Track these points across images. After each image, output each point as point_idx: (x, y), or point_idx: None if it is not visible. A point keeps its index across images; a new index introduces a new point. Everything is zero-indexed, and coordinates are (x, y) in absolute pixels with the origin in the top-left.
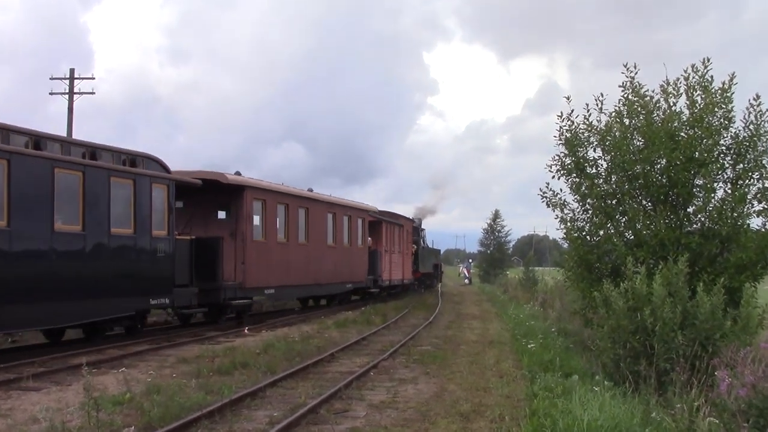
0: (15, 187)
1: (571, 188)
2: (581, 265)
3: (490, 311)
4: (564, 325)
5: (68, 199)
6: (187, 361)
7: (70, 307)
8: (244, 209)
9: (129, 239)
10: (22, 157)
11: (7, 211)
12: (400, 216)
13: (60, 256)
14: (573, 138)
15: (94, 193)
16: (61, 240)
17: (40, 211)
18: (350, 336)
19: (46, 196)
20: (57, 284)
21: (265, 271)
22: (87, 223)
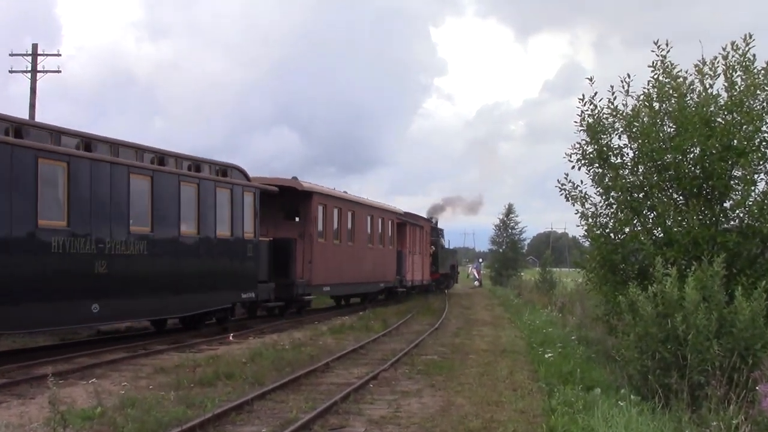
0: (156, 199)
1: (593, 180)
2: (604, 266)
3: (503, 317)
4: (585, 333)
5: (188, 208)
6: (165, 371)
7: (189, 300)
8: (312, 213)
9: (228, 241)
10: (161, 174)
11: (151, 219)
12: (420, 217)
13: (184, 256)
14: (596, 124)
15: (205, 201)
16: (185, 243)
17: (172, 218)
18: (347, 344)
19: (175, 206)
20: (183, 280)
21: (325, 269)
22: (201, 228)
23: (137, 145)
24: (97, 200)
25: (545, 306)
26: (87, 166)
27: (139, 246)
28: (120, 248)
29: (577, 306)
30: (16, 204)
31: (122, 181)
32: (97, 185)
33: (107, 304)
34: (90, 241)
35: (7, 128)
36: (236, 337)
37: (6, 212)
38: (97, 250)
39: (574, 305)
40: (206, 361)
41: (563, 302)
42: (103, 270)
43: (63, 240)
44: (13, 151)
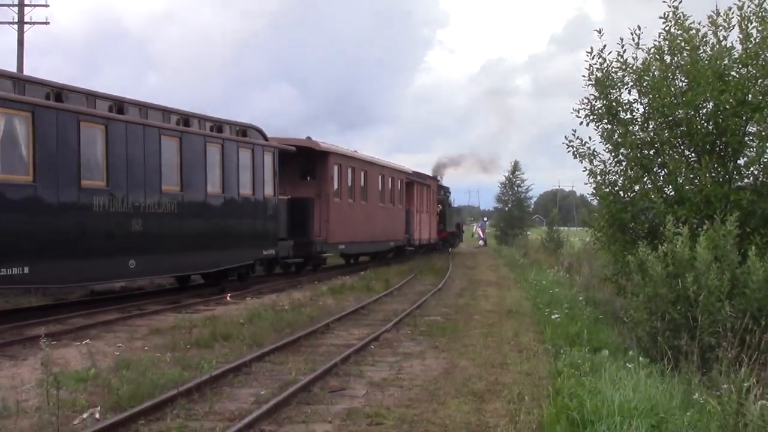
0: (184, 159)
1: (601, 136)
2: (613, 224)
3: (508, 277)
4: (593, 294)
5: (213, 168)
6: (160, 332)
7: (214, 256)
8: (328, 173)
9: (250, 200)
10: (188, 135)
11: (180, 179)
12: (427, 176)
13: (210, 215)
14: (605, 78)
15: (228, 161)
16: (211, 202)
17: (199, 178)
18: (347, 304)
19: (202, 166)
20: (209, 237)
21: (340, 228)
22: (225, 187)
23: (164, 107)
24: (132, 161)
25: (552, 266)
26: (122, 129)
27: (170, 205)
28: (153, 207)
29: (585, 266)
30: (62, 166)
31: (154, 142)
32: (132, 147)
33: (142, 261)
34: (127, 201)
35: (48, 93)
36: (234, 297)
37: (53, 174)
38: (133, 209)
39: (581, 265)
40: (203, 322)
41: (570, 262)
42: (138, 228)
43: (103, 200)
44: (58, 115)
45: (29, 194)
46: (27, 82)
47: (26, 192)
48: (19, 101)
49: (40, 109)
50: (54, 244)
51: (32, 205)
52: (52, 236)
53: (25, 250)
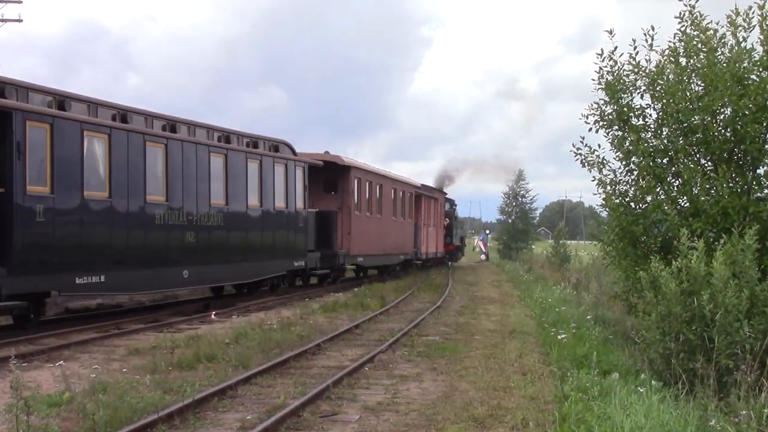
0: (229, 175)
1: (612, 144)
2: (624, 238)
3: (512, 294)
4: (602, 312)
5: (253, 182)
6: (140, 352)
7: (254, 267)
8: (350, 187)
9: (284, 213)
10: (233, 152)
11: (225, 193)
12: (435, 189)
13: (251, 227)
14: (616, 82)
15: (266, 176)
16: (251, 215)
17: (241, 192)
18: (340, 323)
19: (243, 181)
20: (250, 248)
21: (360, 241)
22: (263, 201)
23: (208, 125)
24: (186, 177)
25: (558, 282)
26: (179, 147)
27: (218, 218)
28: (204, 220)
29: (594, 282)
30: (132, 183)
31: (204, 159)
32: (186, 164)
33: (194, 271)
34: (182, 214)
35: (115, 114)
36: (218, 315)
37: (124, 190)
38: (187, 222)
39: (589, 282)
40: (185, 341)
41: (578, 278)
42: (191, 240)
43: (163, 213)
44: (128, 136)
45: (107, 209)
46: (99, 105)
47: (104, 207)
48: (99, 124)
49: (115, 131)
50: (125, 255)
51: (109, 220)
52: (123, 248)
53: (102, 261)
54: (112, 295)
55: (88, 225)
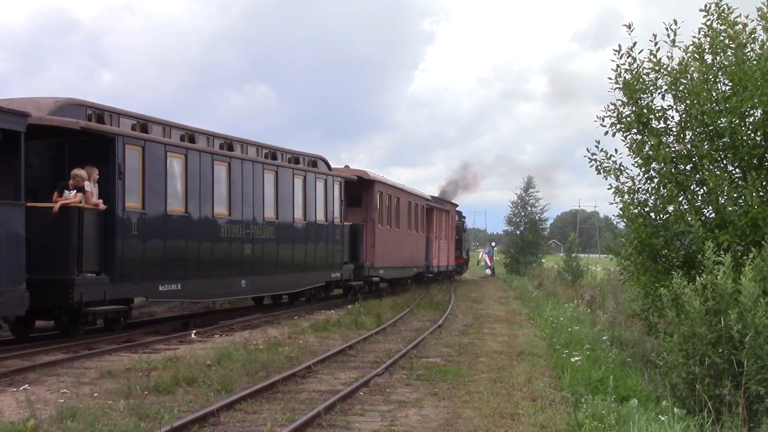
0: (279, 190)
1: (630, 149)
2: (643, 251)
3: (520, 312)
4: (619, 332)
5: (298, 197)
6: (113, 375)
7: (298, 278)
8: (374, 200)
9: (324, 226)
10: (283, 168)
11: (275, 208)
12: (446, 201)
13: (297, 239)
14: (634, 80)
15: (309, 191)
16: (297, 228)
17: (288, 206)
18: (333, 343)
19: (290, 195)
20: (295, 260)
21: (382, 254)
22: (306, 214)
23: (257, 143)
24: (245, 193)
25: (571, 299)
26: (239, 165)
27: (269, 231)
28: (258, 233)
29: (610, 300)
30: (202, 198)
31: (259, 176)
32: (245, 180)
33: (250, 281)
34: (242, 228)
35: (183, 135)
36: (199, 334)
37: (197, 206)
38: (245, 234)
39: (605, 299)
40: (163, 363)
41: (592, 295)
42: (248, 252)
43: (227, 227)
44: (200, 156)
45: (183, 223)
46: (172, 127)
47: (181, 221)
48: (178, 145)
49: (191, 151)
50: (196, 265)
51: (185, 232)
52: (195, 258)
53: (179, 270)
54: (188, 300)
55: (170, 237)
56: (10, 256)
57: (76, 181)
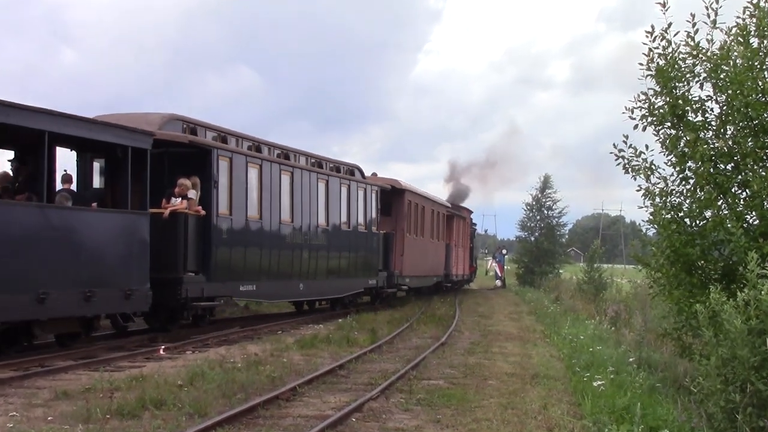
0: (330, 198)
1: (663, 145)
2: (676, 262)
3: (534, 329)
4: (647, 354)
5: (344, 205)
6: (69, 396)
7: (342, 283)
8: (404, 209)
9: (364, 233)
10: (333, 178)
11: (326, 215)
12: (463, 208)
13: (343, 245)
14: (669, 67)
15: (353, 199)
16: (343, 235)
17: (336, 214)
18: (321, 361)
19: (337, 204)
20: (341, 265)
21: (410, 262)
22: (350, 222)
23: (306, 152)
24: (303, 201)
25: (592, 316)
26: (299, 175)
27: (322, 237)
28: (313, 239)
29: (637, 316)
30: (272, 206)
31: (314, 184)
32: (303, 189)
33: (307, 284)
34: (301, 234)
35: (250, 146)
36: (169, 350)
37: (268, 213)
38: (303, 241)
39: (632, 315)
40: (127, 383)
41: (617, 311)
42: (306, 257)
43: (290, 233)
44: (271, 166)
45: (258, 229)
46: (243, 138)
47: (257, 227)
48: (256, 156)
49: (264, 162)
50: (267, 268)
51: (259, 237)
52: (267, 261)
53: (254, 272)
54: (261, 300)
55: (249, 242)
56: (140, 259)
57: (182, 189)
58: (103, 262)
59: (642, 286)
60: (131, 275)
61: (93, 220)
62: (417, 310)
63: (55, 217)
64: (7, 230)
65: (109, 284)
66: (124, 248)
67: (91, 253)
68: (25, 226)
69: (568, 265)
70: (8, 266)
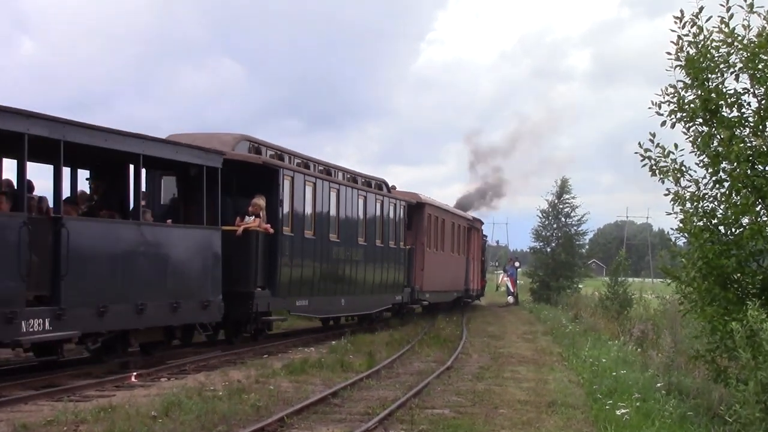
0: (367, 214)
1: (694, 144)
2: (710, 275)
3: (550, 351)
4: (678, 378)
5: (378, 222)
6: (29, 429)
7: (375, 299)
8: (424, 224)
9: (393, 249)
10: (370, 194)
11: (364, 232)
12: (477, 219)
13: (377, 262)
14: (701, 56)
15: (386, 216)
16: (377, 251)
17: (371, 231)
18: (312, 389)
19: (373, 220)
20: (374, 282)
21: (430, 278)
22: (383, 238)
23: (342, 167)
24: (346, 218)
25: (616, 336)
26: (344, 192)
27: (360, 254)
28: (354, 256)
29: (666, 337)
30: (323, 223)
31: (355, 201)
32: (346, 206)
33: (347, 300)
34: (344, 250)
35: (299, 163)
36: (141, 377)
37: (320, 230)
38: (346, 257)
39: (660, 335)
40: (95, 414)
41: (643, 330)
42: (348, 273)
43: (336, 250)
44: (322, 183)
45: (312, 245)
46: (294, 156)
47: (311, 244)
48: (311, 174)
49: (318, 180)
50: (317, 284)
51: (312, 254)
52: (319, 277)
53: (307, 288)
54: (312, 316)
55: (305, 258)
56: (213, 272)
57: (255, 208)
58: (186, 274)
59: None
60: (207, 287)
61: (177, 235)
62: (420, 330)
63: (149, 233)
64: (115, 246)
65: (190, 295)
66: (201, 261)
67: (176, 267)
68: (127, 242)
69: (588, 279)
70: (116, 279)
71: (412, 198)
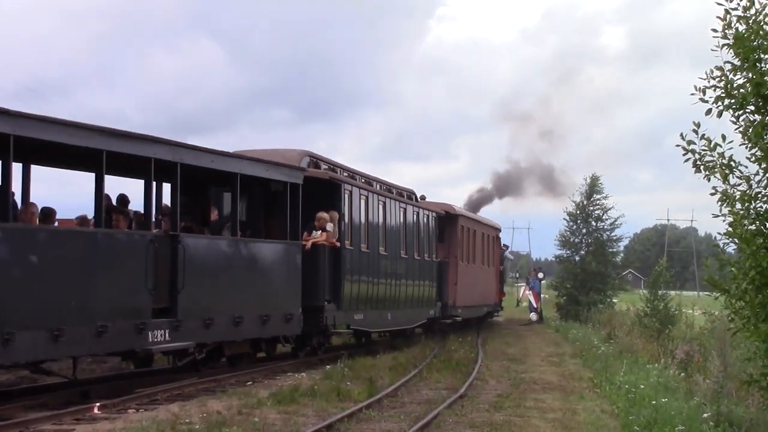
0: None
1: (744, 135)
2: (764, 287)
3: (580, 376)
4: (728, 407)
5: (418, 234)
6: None
7: (413, 313)
8: (457, 236)
9: (427, 262)
10: (409, 206)
11: (405, 245)
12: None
13: (416, 275)
14: (752, 34)
15: (424, 228)
16: (415, 264)
17: (411, 244)
18: (303, 421)
19: (412, 232)
20: (414, 295)
21: (464, 292)
22: (419, 251)
23: (377, 178)
24: (390, 231)
25: (656, 358)
26: (389, 204)
27: (403, 267)
28: (398, 269)
29: (714, 359)
30: (375, 236)
31: (398, 214)
32: (391, 218)
33: (393, 314)
34: (390, 263)
35: (347, 175)
36: (105, 408)
37: (372, 242)
38: (392, 270)
39: (707, 358)
40: None
41: (688, 352)
42: (393, 286)
43: (385, 264)
44: (373, 197)
45: (367, 259)
46: (342, 168)
47: (366, 258)
48: (364, 188)
49: (370, 193)
50: (369, 297)
51: (367, 266)
52: (372, 291)
53: (363, 302)
54: (366, 330)
55: (362, 272)
56: (295, 285)
57: (320, 223)
58: (273, 288)
59: (720, 319)
60: (290, 300)
61: (264, 250)
62: (428, 351)
63: (244, 248)
64: (218, 261)
65: (276, 309)
66: (286, 275)
67: (265, 280)
68: (228, 256)
69: (623, 293)
70: (219, 293)
71: (444, 209)
